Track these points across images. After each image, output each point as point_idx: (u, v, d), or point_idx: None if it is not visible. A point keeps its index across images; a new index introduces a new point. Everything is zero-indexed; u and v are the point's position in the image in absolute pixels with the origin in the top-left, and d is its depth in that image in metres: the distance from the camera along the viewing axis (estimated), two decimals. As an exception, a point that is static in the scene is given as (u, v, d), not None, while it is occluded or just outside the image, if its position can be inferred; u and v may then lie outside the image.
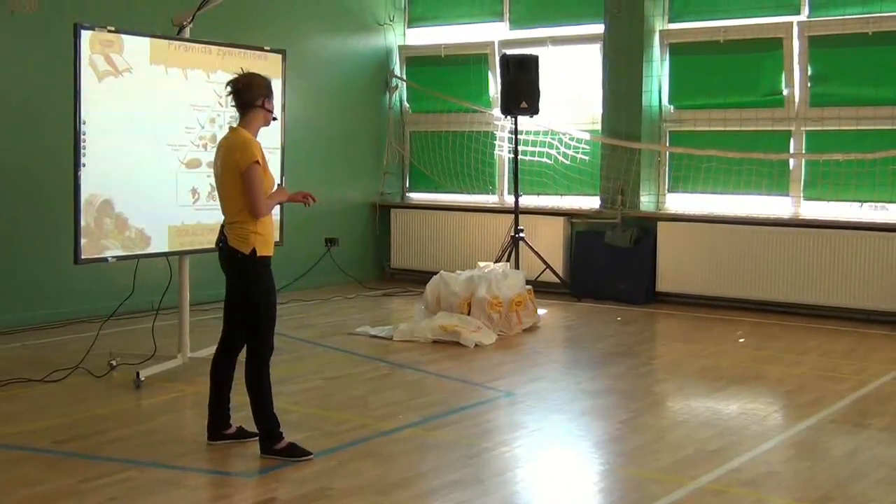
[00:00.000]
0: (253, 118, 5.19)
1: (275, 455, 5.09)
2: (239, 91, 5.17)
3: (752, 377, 7.20)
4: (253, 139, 5.13)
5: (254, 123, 5.20)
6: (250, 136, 5.14)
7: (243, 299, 5.20)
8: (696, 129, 10.58)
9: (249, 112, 5.18)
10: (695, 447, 5.45)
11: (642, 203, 10.66)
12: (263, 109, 5.20)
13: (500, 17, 11.76)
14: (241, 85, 5.18)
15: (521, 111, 10.45)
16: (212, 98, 6.95)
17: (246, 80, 5.20)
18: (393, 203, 12.15)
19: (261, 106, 5.18)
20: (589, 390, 6.79)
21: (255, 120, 5.20)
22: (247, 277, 5.16)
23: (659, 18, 10.64)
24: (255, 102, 5.16)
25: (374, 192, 12.05)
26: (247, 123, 5.19)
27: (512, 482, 4.93)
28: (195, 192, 6.90)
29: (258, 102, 5.17)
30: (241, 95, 5.17)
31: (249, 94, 5.17)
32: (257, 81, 5.21)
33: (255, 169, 5.03)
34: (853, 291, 9.40)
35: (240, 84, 5.18)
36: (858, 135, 9.64)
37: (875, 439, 5.65)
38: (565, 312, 9.91)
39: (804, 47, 9.83)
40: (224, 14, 8.33)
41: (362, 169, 11.84)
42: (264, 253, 5.16)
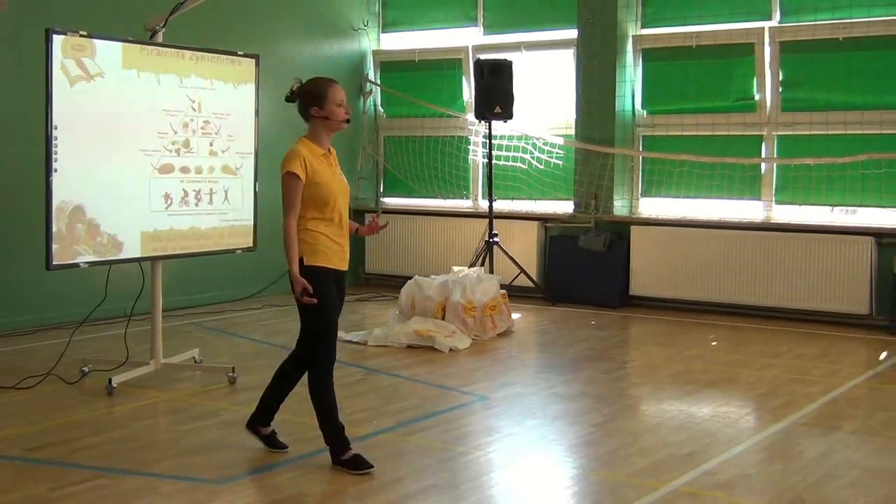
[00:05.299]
0: (312, 127, 5.11)
1: (341, 465, 5.04)
2: (293, 102, 5.13)
3: (724, 380, 7.24)
4: (299, 150, 5.01)
5: (314, 132, 5.10)
6: (300, 147, 5.03)
7: (298, 308, 5.10)
8: (668, 133, 10.65)
9: (308, 122, 5.11)
10: (668, 450, 5.48)
11: (616, 207, 10.71)
12: (320, 117, 5.07)
13: (474, 22, 11.78)
14: (291, 98, 5.14)
15: (495, 116, 10.48)
16: (185, 103, 6.92)
17: (295, 92, 5.13)
18: (367, 208, 12.13)
19: (315, 115, 5.07)
20: (562, 394, 6.80)
21: (315, 129, 5.09)
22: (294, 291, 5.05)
23: (632, 24, 10.70)
24: (308, 112, 5.08)
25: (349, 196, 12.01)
26: (309, 133, 5.12)
27: (486, 487, 4.93)
28: (168, 197, 6.87)
29: (311, 112, 5.07)
30: (298, 108, 5.11)
31: (300, 105, 5.10)
32: (306, 89, 5.11)
33: (288, 179, 4.95)
34: (825, 294, 9.48)
35: (289, 97, 5.14)
36: (829, 139, 9.73)
37: (846, 442, 5.69)
38: (539, 317, 9.94)
39: (775, 53, 9.92)
40: (197, 19, 8.30)
41: (336, 174, 11.80)
42: (313, 263, 5.01)
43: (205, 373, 7.17)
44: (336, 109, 5.08)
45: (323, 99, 5.06)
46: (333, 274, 5.06)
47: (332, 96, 5.07)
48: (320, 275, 5.01)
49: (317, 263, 5.02)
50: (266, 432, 5.39)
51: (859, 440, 5.74)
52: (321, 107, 5.06)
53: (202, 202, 7.08)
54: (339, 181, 5.15)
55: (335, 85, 5.15)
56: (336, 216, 5.09)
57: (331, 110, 5.07)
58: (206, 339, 8.52)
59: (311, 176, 4.99)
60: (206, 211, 7.12)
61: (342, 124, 5.13)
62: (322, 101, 5.06)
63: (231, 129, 7.24)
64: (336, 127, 5.12)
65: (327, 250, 5.05)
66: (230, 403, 6.44)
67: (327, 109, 5.06)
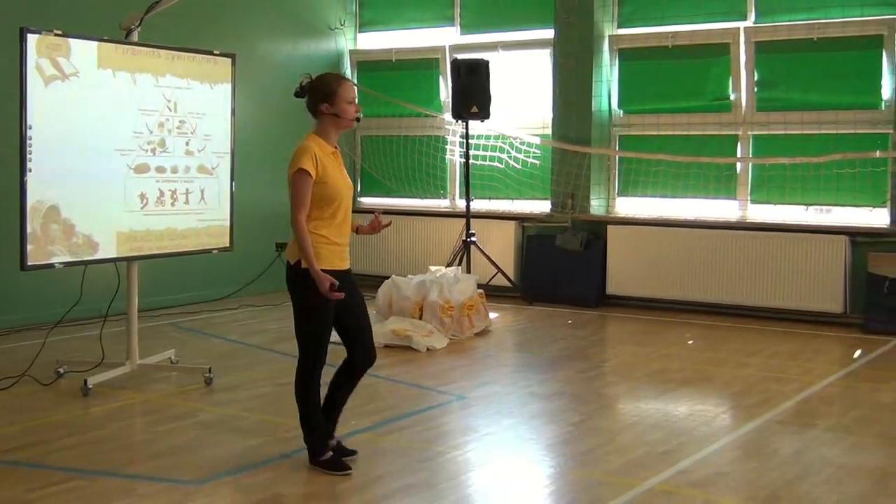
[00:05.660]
0: (321, 124, 5.02)
1: (318, 466, 5.03)
2: (302, 99, 5.06)
3: (700, 379, 7.28)
4: (309, 147, 4.92)
5: (323, 129, 5.02)
6: (310, 143, 4.95)
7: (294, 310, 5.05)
8: (645, 133, 10.70)
9: (316, 118, 5.03)
10: (644, 449, 5.50)
11: (592, 207, 10.74)
12: (329, 114, 4.99)
13: (451, 21, 11.79)
14: (301, 93, 5.06)
15: (472, 116, 10.49)
16: (160, 102, 6.90)
17: (305, 87, 5.05)
18: (344, 207, 12.10)
19: (325, 112, 4.99)
20: (540, 393, 6.82)
21: (324, 126, 5.02)
22: (290, 287, 5.00)
23: (608, 24, 10.74)
24: (317, 109, 5.00)
25: (326, 196, 12.00)
26: (317, 130, 5.03)
27: (464, 486, 4.94)
28: (143, 197, 6.84)
29: (321, 109, 4.99)
30: (306, 104, 5.04)
31: (310, 101, 5.02)
32: (315, 86, 5.03)
33: (300, 176, 4.86)
34: (800, 293, 9.54)
35: (299, 93, 5.06)
36: (804, 139, 9.79)
37: (821, 439, 5.74)
38: (517, 316, 9.95)
39: (751, 53, 9.98)
40: (173, 18, 8.27)
41: (313, 173, 11.77)
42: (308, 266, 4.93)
43: (181, 373, 7.14)
44: (346, 107, 4.99)
45: (333, 96, 4.97)
46: (333, 276, 4.94)
47: (342, 93, 4.98)
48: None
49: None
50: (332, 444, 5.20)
51: (834, 438, 5.78)
52: (331, 104, 4.97)
53: (178, 202, 7.06)
54: (346, 180, 5.08)
55: (346, 82, 5.07)
56: (340, 215, 5.01)
57: (341, 108, 4.98)
58: (183, 339, 8.48)
59: (321, 173, 4.89)
60: (182, 211, 7.10)
61: (352, 123, 5.06)
62: (332, 97, 4.97)
63: (207, 128, 7.22)
64: (345, 125, 5.05)
65: (327, 252, 4.96)
66: (207, 404, 6.42)
67: (338, 107, 4.97)
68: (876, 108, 9.50)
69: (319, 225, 4.95)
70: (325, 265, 4.91)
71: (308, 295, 4.90)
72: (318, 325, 4.98)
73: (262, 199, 10.95)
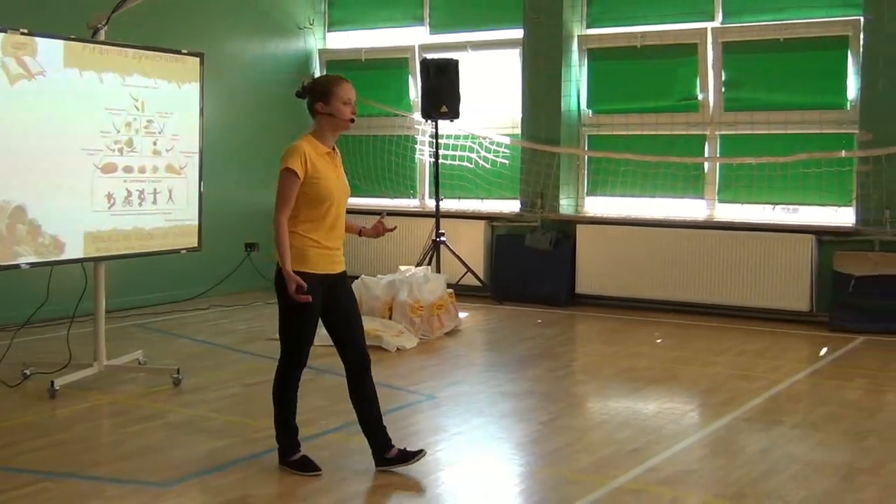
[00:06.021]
0: (317, 124, 4.98)
1: (287, 466, 5.03)
2: (304, 98, 5.01)
3: (669, 377, 7.32)
4: (299, 146, 4.88)
5: (319, 129, 4.97)
6: (302, 143, 4.91)
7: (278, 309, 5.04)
8: (613, 133, 10.74)
9: (314, 118, 4.99)
10: (613, 447, 5.53)
11: (562, 206, 10.77)
12: (325, 113, 4.94)
13: (421, 21, 11.79)
14: (302, 94, 5.01)
15: (442, 115, 10.49)
16: (128, 101, 6.85)
17: (306, 88, 5.01)
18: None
19: (320, 111, 4.94)
20: (510, 392, 6.84)
21: (319, 126, 4.97)
22: (275, 287, 4.99)
23: (577, 24, 10.78)
24: (314, 108, 4.95)
25: (295, 196, 11.97)
26: (313, 130, 4.99)
27: (434, 485, 4.94)
28: (111, 197, 6.79)
29: (317, 108, 4.94)
30: (307, 104, 5.00)
31: (309, 101, 4.97)
32: (312, 86, 5.00)
33: (285, 175, 4.84)
34: (767, 292, 9.61)
35: (300, 93, 5.02)
36: (770, 139, 9.88)
37: (787, 436, 5.79)
38: (486, 315, 9.97)
39: (718, 53, 10.04)
40: (141, 16, 8.22)
41: (282, 173, 11.73)
42: (297, 268, 4.87)
43: (149, 374, 7.10)
44: (342, 107, 4.93)
45: (329, 95, 4.92)
46: (320, 280, 4.91)
47: (338, 93, 4.92)
48: (305, 281, 4.87)
49: (302, 269, 4.88)
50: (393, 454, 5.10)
51: (801, 434, 5.84)
52: (326, 103, 4.92)
53: (146, 202, 7.02)
54: (340, 183, 5.01)
55: (344, 83, 5.00)
56: (330, 218, 4.95)
57: (336, 107, 4.91)
58: (151, 340, 8.43)
59: (311, 173, 4.85)
60: (149, 211, 7.06)
61: (347, 124, 4.98)
62: (328, 97, 4.92)
63: (175, 128, 7.18)
64: (341, 126, 4.98)
65: (315, 256, 4.91)
66: (175, 405, 6.38)
67: (333, 106, 4.91)
68: (841, 108, 9.60)
69: (309, 227, 4.91)
70: (312, 269, 4.88)
71: (290, 297, 4.88)
72: (300, 326, 4.96)
73: (232, 198, 10.91)
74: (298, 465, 5.03)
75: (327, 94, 4.93)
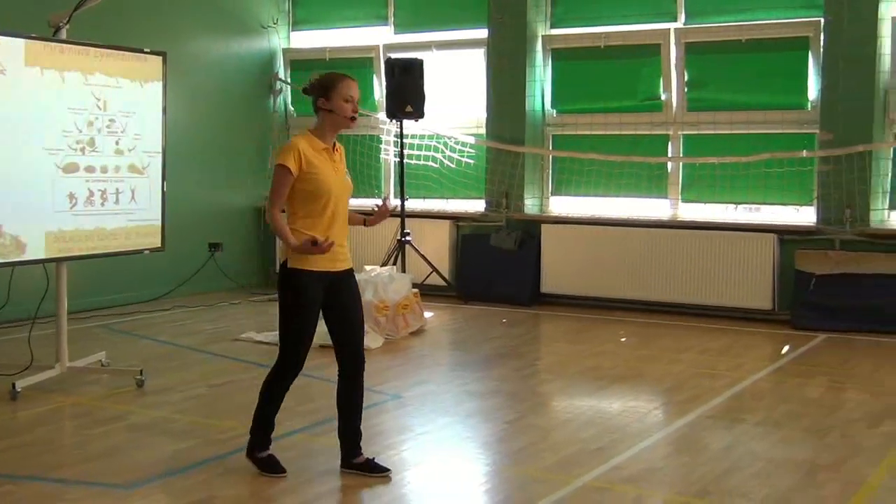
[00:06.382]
0: (318, 120, 4.94)
1: (253, 462, 5.01)
2: (308, 95, 4.98)
3: (633, 376, 7.36)
4: (296, 143, 4.84)
5: (319, 126, 4.93)
6: (298, 139, 4.87)
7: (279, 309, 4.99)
8: (577, 132, 10.79)
9: (317, 114, 4.95)
10: (578, 446, 5.55)
11: (526, 206, 10.81)
12: (325, 109, 4.89)
13: (385, 21, 11.78)
14: (308, 89, 4.97)
15: (407, 115, 10.48)
16: (90, 101, 6.79)
17: (311, 83, 4.97)
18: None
19: (321, 107, 4.90)
20: (475, 392, 6.85)
21: (320, 122, 4.93)
22: (278, 285, 4.94)
23: (541, 24, 10.81)
24: (316, 104, 4.92)
25: (259, 196, 11.92)
26: (314, 126, 4.96)
27: (400, 485, 4.94)
28: (73, 196, 6.73)
29: (318, 103, 4.91)
30: (312, 101, 4.97)
31: (312, 97, 4.94)
32: (315, 82, 4.96)
33: (278, 171, 4.79)
34: (729, 291, 9.69)
35: (306, 88, 4.98)
36: (733, 138, 9.96)
37: (750, 434, 5.84)
38: (452, 315, 9.98)
39: (681, 53, 10.11)
40: (102, 15, 8.15)
41: (246, 173, 11.68)
42: (296, 266, 4.83)
43: (112, 376, 7.04)
44: (343, 105, 4.88)
45: (331, 91, 4.88)
46: (320, 277, 4.87)
47: (340, 90, 4.88)
48: (302, 278, 4.84)
49: (301, 266, 4.84)
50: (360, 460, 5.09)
51: (763, 432, 5.89)
52: (328, 99, 4.87)
53: (108, 202, 6.95)
54: (339, 179, 4.96)
55: (348, 80, 4.95)
56: (328, 214, 4.89)
57: (337, 104, 4.87)
58: (114, 341, 8.36)
59: (306, 169, 4.80)
60: (112, 211, 6.99)
61: (348, 121, 4.93)
62: (330, 93, 4.88)
63: (138, 127, 7.13)
64: (341, 123, 4.93)
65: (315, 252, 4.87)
66: (138, 407, 6.34)
67: (334, 103, 4.87)
68: (802, 108, 9.70)
69: (308, 224, 4.86)
70: (311, 266, 4.83)
71: (289, 295, 4.86)
72: (298, 325, 4.90)
73: (195, 198, 10.85)
74: (264, 463, 5.01)
75: (329, 90, 4.89)
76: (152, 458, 5.27)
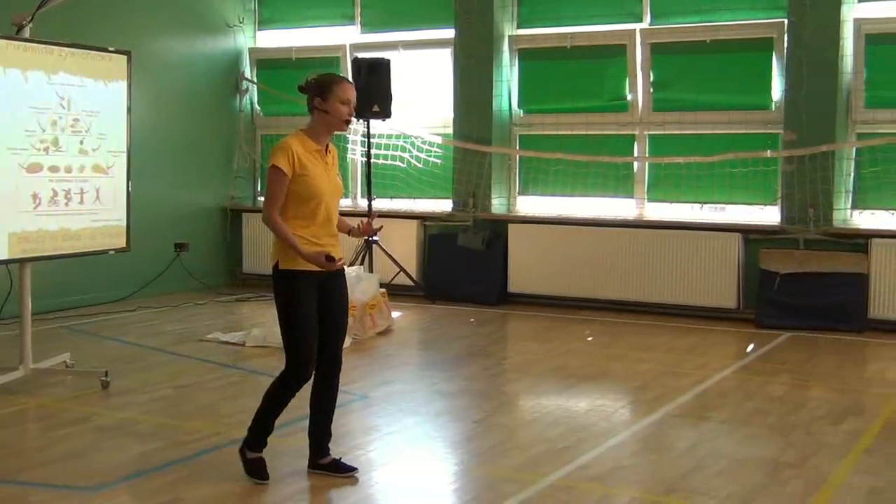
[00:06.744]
0: (312, 120, 4.90)
1: (242, 460, 4.96)
2: (304, 94, 4.94)
3: (600, 375, 7.40)
4: (288, 143, 4.80)
5: (313, 126, 4.90)
6: (292, 140, 4.83)
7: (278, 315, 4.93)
8: (544, 132, 10.82)
9: (311, 114, 4.91)
10: (546, 445, 5.57)
11: (494, 205, 10.82)
12: (319, 110, 4.86)
13: (352, 20, 11.76)
14: (302, 89, 4.94)
15: (374, 115, 10.45)
16: (53, 100, 6.73)
17: (308, 83, 4.93)
18: (244, 207, 12.00)
19: (316, 107, 4.87)
20: (443, 391, 6.85)
21: (314, 123, 4.90)
22: (273, 289, 4.89)
23: (508, 24, 10.83)
24: (311, 104, 4.88)
25: (225, 196, 11.88)
26: (307, 127, 4.92)
27: (367, 485, 4.93)
28: (36, 197, 6.67)
29: (313, 104, 4.87)
30: (306, 101, 4.93)
31: (307, 97, 4.91)
32: (310, 82, 4.93)
33: (272, 173, 4.76)
34: (695, 290, 9.76)
35: (302, 87, 4.95)
36: (698, 138, 10.03)
37: (716, 431, 5.88)
38: (420, 315, 9.98)
39: (646, 54, 10.17)
40: (66, 13, 8.09)
41: (212, 172, 11.63)
42: (289, 266, 4.80)
43: (77, 377, 6.99)
44: (339, 107, 4.85)
45: (327, 92, 4.84)
46: (313, 277, 4.84)
47: (337, 91, 4.85)
48: (296, 279, 4.81)
49: (293, 267, 4.80)
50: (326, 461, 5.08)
51: (728, 430, 5.94)
52: (325, 99, 4.84)
53: (72, 202, 6.90)
54: (331, 181, 4.92)
55: (345, 82, 4.93)
56: (321, 216, 4.86)
57: (334, 106, 4.83)
58: (78, 342, 8.29)
59: (298, 171, 4.77)
60: (76, 211, 6.94)
61: (343, 124, 4.91)
62: (326, 94, 4.84)
63: (102, 126, 7.08)
64: (336, 125, 4.91)
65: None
66: (103, 408, 6.29)
67: (330, 104, 4.83)
68: (766, 108, 9.78)
69: (299, 224, 4.83)
70: (303, 266, 4.80)
71: (285, 297, 4.82)
72: (298, 327, 4.84)
73: (161, 198, 10.78)
74: (252, 464, 4.94)
75: (326, 90, 4.86)
76: (118, 460, 5.23)
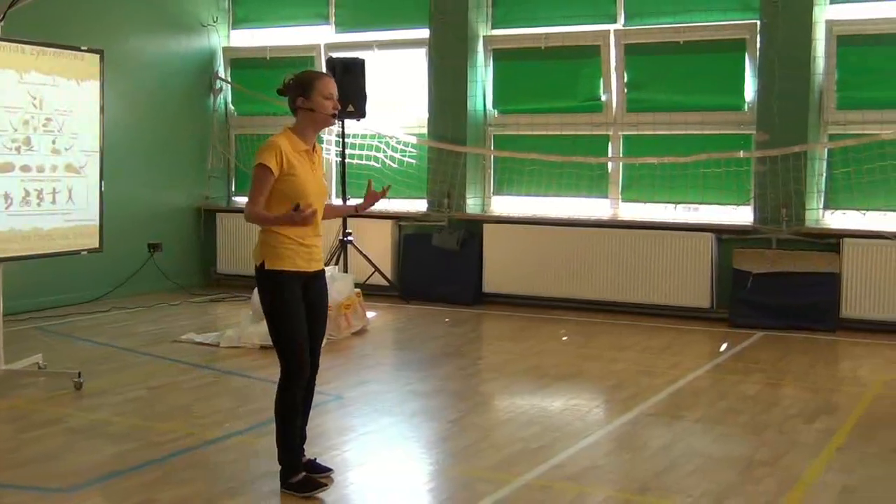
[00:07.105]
0: (298, 120, 4.85)
1: (289, 489, 4.76)
2: (285, 96, 4.87)
3: (574, 374, 7.42)
4: (277, 143, 4.74)
5: (299, 125, 4.84)
6: (279, 138, 4.77)
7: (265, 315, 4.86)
8: (519, 133, 10.84)
9: (295, 115, 4.85)
10: (521, 444, 5.58)
11: (468, 205, 10.84)
12: (303, 109, 4.80)
13: (326, 20, 11.74)
14: (283, 90, 4.87)
15: (348, 115, 10.42)
16: (25, 99, 6.68)
17: (287, 84, 4.86)
18: (218, 207, 11.95)
19: (300, 106, 4.80)
20: (418, 391, 6.85)
21: (300, 122, 4.83)
22: (259, 290, 4.84)
23: (482, 24, 10.85)
24: (294, 104, 4.82)
25: (199, 196, 11.82)
26: (294, 126, 4.86)
27: (342, 486, 4.92)
28: (8, 197, 6.62)
29: (297, 103, 4.80)
30: (288, 101, 4.86)
31: (289, 97, 4.84)
32: (292, 81, 4.85)
33: (258, 171, 4.69)
34: (669, 289, 9.81)
35: (281, 90, 4.88)
36: (672, 139, 10.08)
37: (689, 431, 5.91)
38: (394, 315, 9.97)
39: (620, 55, 10.20)
40: (39, 12, 8.04)
41: (186, 172, 11.58)
42: (275, 266, 4.75)
43: (49, 378, 6.93)
44: (323, 102, 4.79)
45: (310, 89, 4.78)
46: (298, 277, 4.81)
47: (319, 87, 4.79)
48: (283, 279, 4.76)
49: (279, 267, 4.76)
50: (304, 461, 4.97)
51: (703, 428, 5.97)
52: (307, 97, 4.78)
53: (45, 202, 6.86)
54: (317, 182, 4.89)
55: (325, 77, 4.89)
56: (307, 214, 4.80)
57: (317, 102, 4.76)
58: (51, 343, 8.23)
59: (286, 170, 4.72)
60: (48, 211, 6.90)
61: (329, 119, 4.85)
62: (309, 91, 4.78)
63: (75, 126, 7.04)
64: (322, 121, 4.85)
65: (291, 253, 4.78)
66: (76, 409, 6.25)
67: (313, 101, 4.76)
68: (739, 109, 9.84)
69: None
70: (290, 266, 4.76)
71: (272, 297, 4.77)
72: (289, 326, 4.79)
73: (134, 198, 10.72)
74: (302, 486, 4.78)
75: (308, 88, 4.80)
76: (91, 462, 5.20)
